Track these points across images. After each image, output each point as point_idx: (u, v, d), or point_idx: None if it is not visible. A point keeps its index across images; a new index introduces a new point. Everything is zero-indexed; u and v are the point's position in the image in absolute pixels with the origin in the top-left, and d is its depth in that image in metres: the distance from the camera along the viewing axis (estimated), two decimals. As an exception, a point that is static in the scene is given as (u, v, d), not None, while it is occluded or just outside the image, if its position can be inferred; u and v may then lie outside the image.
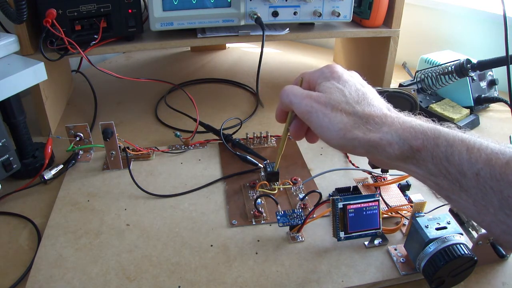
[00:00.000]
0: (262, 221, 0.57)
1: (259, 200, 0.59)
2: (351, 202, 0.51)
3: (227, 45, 1.22)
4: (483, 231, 0.49)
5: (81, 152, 0.70)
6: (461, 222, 0.53)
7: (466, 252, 0.44)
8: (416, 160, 0.35)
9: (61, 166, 0.67)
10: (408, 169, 0.36)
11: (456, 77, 0.80)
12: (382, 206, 0.57)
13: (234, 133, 0.76)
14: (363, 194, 0.60)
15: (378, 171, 0.63)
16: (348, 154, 0.71)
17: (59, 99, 0.85)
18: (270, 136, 0.75)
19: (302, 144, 0.75)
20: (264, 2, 0.75)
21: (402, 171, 0.37)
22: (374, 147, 0.36)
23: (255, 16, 0.75)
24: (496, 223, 0.32)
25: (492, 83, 0.88)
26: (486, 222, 0.33)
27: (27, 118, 0.65)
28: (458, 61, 0.81)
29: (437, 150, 0.34)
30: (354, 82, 0.40)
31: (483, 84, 0.87)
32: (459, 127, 0.37)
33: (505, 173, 0.31)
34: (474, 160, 0.33)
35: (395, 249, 0.52)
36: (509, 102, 0.74)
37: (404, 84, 0.88)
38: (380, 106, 0.38)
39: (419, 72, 0.87)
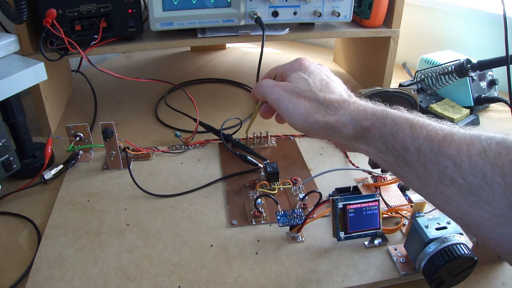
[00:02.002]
0: (262, 221, 0.57)
1: (259, 200, 0.59)
2: (351, 202, 0.51)
3: (227, 45, 1.22)
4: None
5: (81, 152, 0.70)
6: (461, 222, 0.53)
7: (466, 252, 0.44)
8: (367, 139, 0.39)
9: (61, 166, 0.67)
10: (361, 148, 0.40)
11: (456, 77, 0.80)
12: (382, 206, 0.57)
13: (234, 133, 0.76)
14: (363, 194, 0.60)
15: (378, 171, 0.63)
16: (348, 154, 0.71)
17: (59, 99, 0.85)
18: (270, 136, 0.75)
19: (302, 144, 0.75)
20: (264, 2, 0.75)
21: (357, 151, 0.41)
22: (331, 129, 0.40)
23: (255, 16, 0.75)
24: (437, 194, 0.35)
25: (492, 83, 0.88)
26: (429, 195, 0.36)
27: (27, 118, 0.65)
28: (458, 61, 0.81)
29: (384, 129, 0.37)
30: (320, 73, 0.44)
31: (483, 84, 0.87)
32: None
33: (442, 146, 0.34)
34: (416, 136, 0.36)
35: (395, 249, 0.52)
36: (509, 102, 0.74)
37: (404, 84, 0.88)
38: (341, 93, 0.42)
39: (419, 72, 0.87)
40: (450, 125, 0.37)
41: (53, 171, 0.65)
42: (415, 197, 0.51)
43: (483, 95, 0.85)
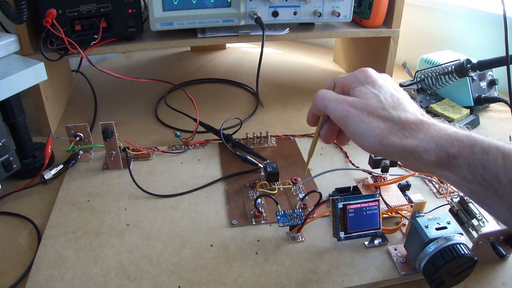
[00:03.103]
0: (262, 221, 0.57)
1: (259, 200, 0.59)
2: (351, 202, 0.51)
3: (227, 45, 1.22)
4: (483, 231, 0.49)
5: (81, 152, 0.70)
6: (461, 222, 0.53)
7: (466, 252, 0.44)
8: (452, 167, 0.36)
9: (61, 166, 0.67)
10: (442, 175, 0.37)
11: (456, 77, 0.80)
12: (382, 206, 0.57)
13: (234, 133, 0.76)
14: (363, 194, 0.60)
15: (378, 171, 0.63)
16: (348, 154, 0.71)
17: (59, 99, 0.85)
18: (270, 136, 0.75)
19: (302, 144, 0.75)
20: (264, 2, 0.75)
21: (436, 176, 0.38)
22: (410, 154, 0.36)
23: (255, 16, 0.75)
24: None
25: (492, 83, 0.88)
26: None
27: (27, 118, 0.65)
28: (458, 61, 0.81)
29: (473, 158, 0.35)
30: (389, 87, 0.40)
31: (483, 84, 0.87)
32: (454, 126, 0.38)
33: None
34: (509, 167, 0.34)
35: (395, 249, 0.52)
36: (509, 102, 0.74)
37: (404, 84, 0.88)
38: (415, 112, 0.39)
39: (419, 72, 0.87)
40: None
41: (53, 171, 0.65)
42: (415, 197, 0.51)
43: (483, 95, 0.85)
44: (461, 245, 0.45)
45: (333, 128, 0.43)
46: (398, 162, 0.64)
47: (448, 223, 0.47)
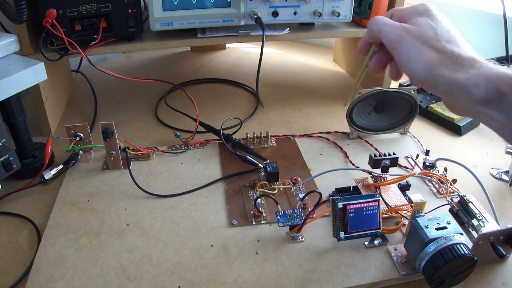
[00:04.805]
0: (262, 221, 0.57)
1: (259, 200, 0.59)
2: (351, 202, 0.51)
3: (227, 45, 1.22)
4: (483, 231, 0.49)
5: (81, 152, 0.70)
6: (461, 222, 0.53)
7: (466, 252, 0.44)
8: (501, 105, 0.35)
9: (61, 166, 0.67)
10: (487, 114, 0.36)
11: (456, 77, 0.80)
12: (382, 206, 0.57)
13: (234, 133, 0.76)
14: (363, 194, 0.60)
15: (378, 171, 0.63)
16: (348, 154, 0.71)
17: (59, 99, 0.85)
18: (270, 136, 0.75)
19: (302, 144, 0.75)
20: (264, 2, 0.75)
21: (479, 117, 0.37)
22: (458, 87, 0.36)
23: (255, 16, 0.75)
24: None
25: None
26: None
27: (27, 118, 0.65)
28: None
29: None
30: (446, 23, 0.40)
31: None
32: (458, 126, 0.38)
33: None
34: None
35: (395, 249, 0.52)
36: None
37: (404, 84, 0.88)
38: (469, 49, 0.38)
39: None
40: None
41: (53, 171, 0.65)
42: (415, 197, 0.51)
43: (483, 95, 0.85)
44: (461, 245, 0.45)
45: (383, 57, 0.42)
46: (398, 162, 0.64)
47: (448, 223, 0.47)
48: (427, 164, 0.68)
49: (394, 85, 0.92)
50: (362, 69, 0.44)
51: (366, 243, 0.53)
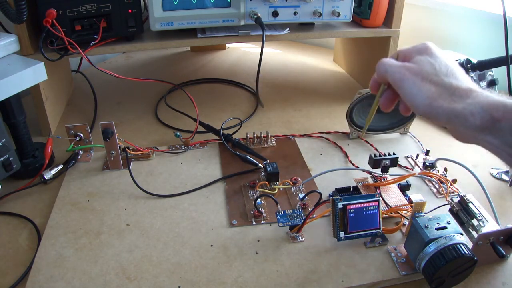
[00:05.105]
0: (262, 221, 0.57)
1: (259, 200, 0.59)
2: (351, 202, 0.51)
3: (227, 45, 1.22)
4: (483, 231, 0.49)
5: (81, 152, 0.70)
6: (461, 222, 0.53)
7: (466, 252, 0.44)
8: (495, 130, 0.37)
9: (61, 166, 0.67)
10: (484, 140, 0.39)
11: (456, 77, 0.80)
12: (382, 206, 0.57)
13: (234, 133, 0.76)
14: (363, 194, 0.60)
15: (378, 171, 0.63)
16: (348, 154, 0.71)
17: (59, 99, 0.85)
18: (270, 136, 0.75)
19: (302, 144, 0.75)
20: (264, 2, 0.75)
21: (479, 143, 0.39)
22: (456, 116, 0.38)
23: (255, 16, 0.75)
24: None
25: (492, 83, 0.87)
26: None
27: (27, 118, 0.65)
28: (458, 61, 0.81)
29: None
30: (445, 59, 0.43)
31: (483, 84, 0.86)
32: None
33: None
34: None
35: (395, 249, 0.52)
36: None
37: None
38: (466, 81, 0.41)
39: (419, 72, 0.87)
40: None
41: (53, 171, 0.65)
42: (415, 197, 0.51)
43: (483, 95, 0.85)
44: (461, 245, 0.45)
45: (391, 95, 0.46)
46: (398, 162, 0.64)
47: (448, 223, 0.47)
48: (427, 164, 0.68)
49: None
50: (374, 106, 0.49)
51: (366, 243, 0.53)
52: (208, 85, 1.00)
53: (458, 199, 0.55)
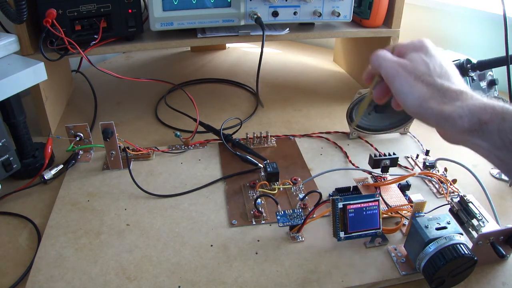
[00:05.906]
0: (262, 221, 0.57)
1: (259, 200, 0.59)
2: (351, 202, 0.51)
3: (227, 45, 1.22)
4: (483, 231, 0.49)
5: (81, 152, 0.70)
6: (461, 222, 0.53)
7: (466, 252, 0.44)
8: (483, 133, 0.37)
9: (61, 166, 0.67)
10: (473, 143, 0.39)
11: (456, 77, 0.80)
12: (382, 206, 0.57)
13: (234, 133, 0.76)
14: (363, 194, 0.60)
15: (378, 171, 0.63)
16: (348, 154, 0.71)
17: (59, 99, 0.85)
18: (270, 136, 0.75)
19: (302, 144, 0.75)
20: (264, 2, 0.75)
21: (468, 146, 0.39)
22: (445, 119, 0.38)
23: (255, 16, 0.75)
24: None
25: (492, 83, 0.88)
26: None
27: (27, 118, 0.65)
28: (458, 61, 0.81)
29: (503, 124, 0.36)
30: (440, 59, 0.42)
31: (483, 84, 0.87)
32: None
33: None
34: None
35: (395, 249, 0.52)
36: (509, 102, 0.74)
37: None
38: (459, 83, 0.41)
39: (419, 72, 0.87)
40: None
41: (53, 171, 0.65)
42: (415, 197, 0.51)
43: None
44: (461, 245, 0.45)
45: (385, 88, 0.45)
46: (398, 162, 0.64)
47: (448, 223, 0.47)
48: (427, 164, 0.68)
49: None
50: (367, 97, 0.49)
51: (366, 243, 0.53)
52: (208, 85, 1.00)
53: (458, 199, 0.55)
